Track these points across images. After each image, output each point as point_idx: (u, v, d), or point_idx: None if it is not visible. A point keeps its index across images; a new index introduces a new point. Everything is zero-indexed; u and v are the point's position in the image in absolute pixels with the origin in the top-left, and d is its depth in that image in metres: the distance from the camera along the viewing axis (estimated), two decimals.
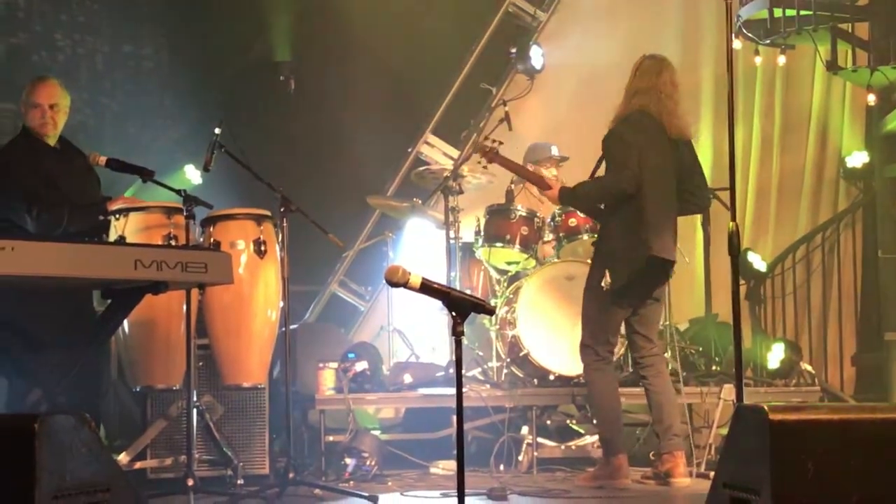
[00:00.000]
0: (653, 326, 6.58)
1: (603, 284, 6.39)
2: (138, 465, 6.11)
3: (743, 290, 7.33)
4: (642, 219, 6.30)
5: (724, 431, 4.69)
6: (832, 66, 9.19)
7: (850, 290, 9.90)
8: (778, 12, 8.94)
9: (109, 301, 5.70)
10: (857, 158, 9.80)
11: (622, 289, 6.39)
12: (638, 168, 6.25)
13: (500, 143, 6.72)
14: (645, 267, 6.32)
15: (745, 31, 9.07)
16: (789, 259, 9.81)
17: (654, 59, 6.55)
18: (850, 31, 9.21)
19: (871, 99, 9.47)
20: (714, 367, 7.91)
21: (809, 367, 8.43)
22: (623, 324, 6.60)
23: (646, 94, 6.41)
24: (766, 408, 3.06)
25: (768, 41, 9.23)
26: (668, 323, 7.85)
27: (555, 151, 8.02)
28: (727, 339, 7.26)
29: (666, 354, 7.59)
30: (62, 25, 8.97)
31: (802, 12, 8.93)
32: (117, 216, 6.40)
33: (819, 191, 10.05)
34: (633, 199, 6.30)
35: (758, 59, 9.52)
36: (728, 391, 6.93)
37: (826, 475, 3.01)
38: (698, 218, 8.18)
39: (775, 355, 8.19)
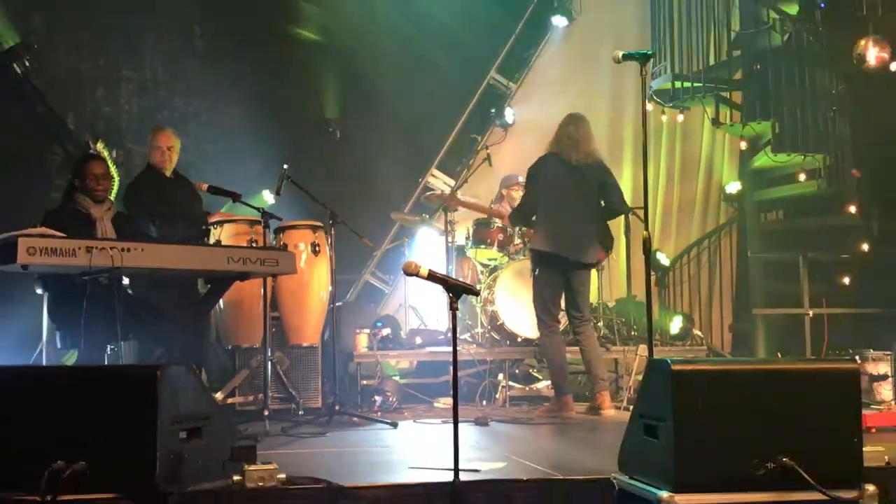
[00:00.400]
0: (579, 304, 6.46)
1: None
2: (230, 400, 6.11)
3: (653, 279, 7.33)
4: (540, 228, 6.48)
5: (640, 378, 4.69)
6: (716, 122, 9.20)
7: (728, 279, 9.92)
8: (678, 84, 8.95)
9: (209, 285, 5.71)
10: (733, 187, 9.80)
11: (536, 276, 6.50)
12: (529, 203, 6.56)
13: (456, 194, 6.84)
14: (539, 259, 6.43)
15: (655, 97, 9.08)
16: (685, 257, 9.82)
17: (568, 115, 6.62)
18: (728, 97, 9.21)
19: (743, 145, 9.50)
20: (633, 333, 7.91)
21: (699, 333, 8.41)
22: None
23: (555, 141, 6.50)
24: (669, 361, 3.05)
25: (671, 104, 9.24)
26: (601, 301, 7.89)
27: (520, 178, 8.02)
28: (641, 312, 7.23)
29: (599, 324, 7.61)
30: (178, 92, 8.97)
31: (695, 84, 8.94)
32: (215, 226, 6.41)
33: (706, 209, 10.07)
34: (538, 215, 6.52)
35: (664, 117, 9.55)
36: (643, 349, 6.90)
37: (711, 407, 3.01)
38: (622, 229, 8.17)
39: (675, 324, 8.18)
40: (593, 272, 7.13)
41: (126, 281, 5.08)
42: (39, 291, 5.13)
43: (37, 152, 8.23)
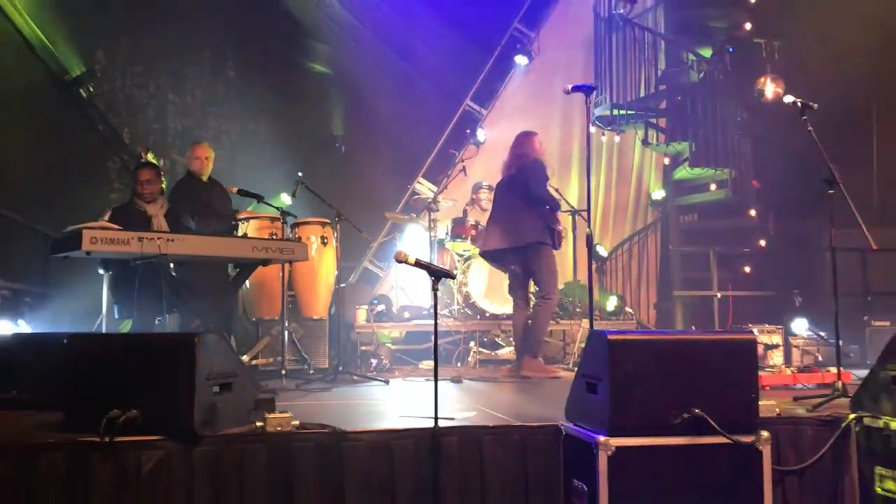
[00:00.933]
0: (536, 283, 6.25)
1: None
2: (254, 362, 6.09)
3: (594, 266, 7.34)
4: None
5: (583, 345, 4.71)
6: (645, 142, 9.22)
7: (654, 267, 9.93)
8: (616, 111, 8.96)
9: (238, 269, 5.68)
10: (658, 194, 9.81)
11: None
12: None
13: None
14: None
15: (597, 122, 9.08)
16: (620, 249, 9.83)
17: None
18: (655, 122, 9.24)
19: (666, 160, 9.52)
20: (577, 310, 7.91)
21: (630, 310, 8.45)
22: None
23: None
24: (606, 332, 3.06)
25: (610, 128, 9.24)
26: None
27: (484, 184, 8.03)
28: (584, 294, 7.26)
29: None
30: (213, 114, 8.93)
31: (629, 112, 8.96)
32: (243, 221, 6.38)
33: (637, 212, 10.08)
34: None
35: (604, 138, 9.55)
36: (585, 323, 6.94)
37: (639, 369, 3.02)
38: (569, 225, 8.18)
39: (611, 303, 8.21)
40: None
41: (171, 265, 5.07)
42: (101, 272, 5.09)
43: (99, 161, 8.23)
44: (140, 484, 3.00)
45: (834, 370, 4.41)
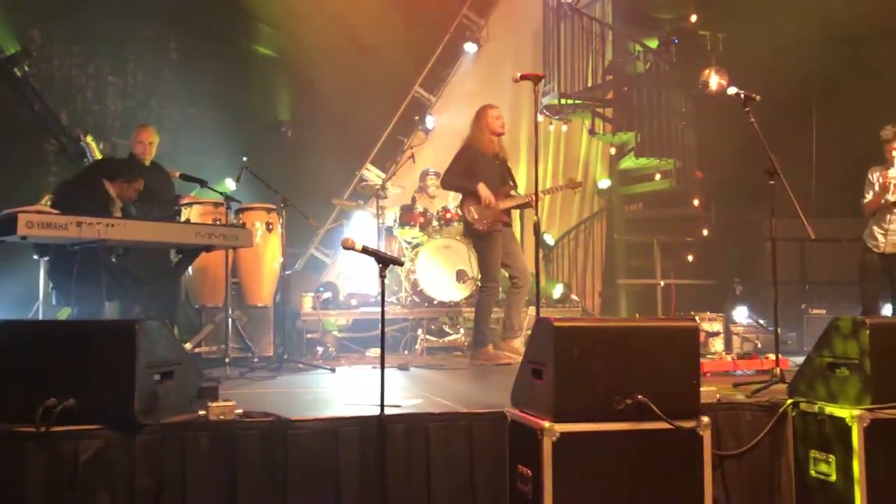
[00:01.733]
0: (507, 266, 6.25)
1: None
2: (197, 350, 5.99)
3: (541, 255, 7.41)
4: None
5: (529, 332, 4.74)
6: (592, 132, 9.32)
7: (599, 255, 10.06)
8: (563, 101, 9.04)
9: (180, 255, 5.59)
10: (604, 183, 9.93)
11: None
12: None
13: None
14: None
15: (545, 111, 9.15)
16: (566, 238, 9.93)
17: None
18: (602, 112, 9.33)
19: (613, 150, 9.64)
20: (525, 297, 7.97)
21: (576, 298, 8.55)
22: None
23: None
24: (552, 319, 3.09)
25: (557, 117, 9.33)
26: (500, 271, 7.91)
27: (432, 171, 8.05)
28: (531, 281, 7.32)
29: (499, 289, 7.64)
30: (155, 96, 8.74)
31: (576, 101, 9.04)
32: (186, 207, 6.27)
33: (583, 200, 10.18)
34: None
35: (551, 127, 9.63)
36: (532, 310, 6.96)
37: (583, 355, 3.04)
38: (517, 214, 8.22)
39: (558, 291, 8.29)
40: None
41: (111, 251, 4.96)
42: (35, 258, 4.97)
43: (35, 143, 7.98)
44: (78, 474, 2.93)
45: (772, 357, 4.53)
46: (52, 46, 8.22)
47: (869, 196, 6.02)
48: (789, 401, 3.58)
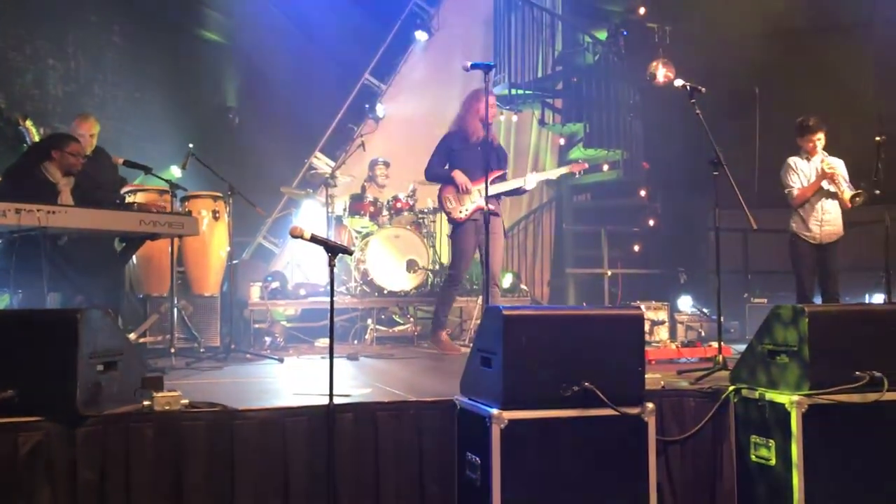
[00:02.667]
0: None
1: None
2: (141, 340, 5.89)
3: None
4: None
5: (479, 321, 4.76)
6: (542, 122, 9.40)
7: (548, 245, 10.14)
8: (514, 91, 9.07)
9: (124, 244, 5.49)
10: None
11: None
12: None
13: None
14: None
15: (496, 101, 9.16)
16: (516, 228, 9.99)
17: None
18: (552, 103, 9.40)
19: (562, 141, 9.72)
20: (474, 287, 7.97)
21: (525, 287, 8.60)
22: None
23: None
24: (501, 308, 3.10)
25: (508, 107, 9.35)
26: (441, 262, 7.89)
27: (380, 160, 8.03)
28: (480, 271, 7.35)
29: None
30: (98, 81, 8.51)
31: (527, 92, 9.09)
32: (130, 194, 6.16)
33: (532, 190, 10.17)
34: None
35: (502, 117, 9.64)
36: (481, 299, 7.01)
37: (531, 344, 3.07)
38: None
39: (507, 280, 8.29)
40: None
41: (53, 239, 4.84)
42: None
43: None
44: (17, 467, 2.86)
45: (715, 345, 4.62)
46: None
47: (796, 185, 6.10)
48: (731, 387, 3.65)
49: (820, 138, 6.01)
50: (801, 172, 6.08)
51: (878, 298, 7.09)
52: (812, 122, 6.03)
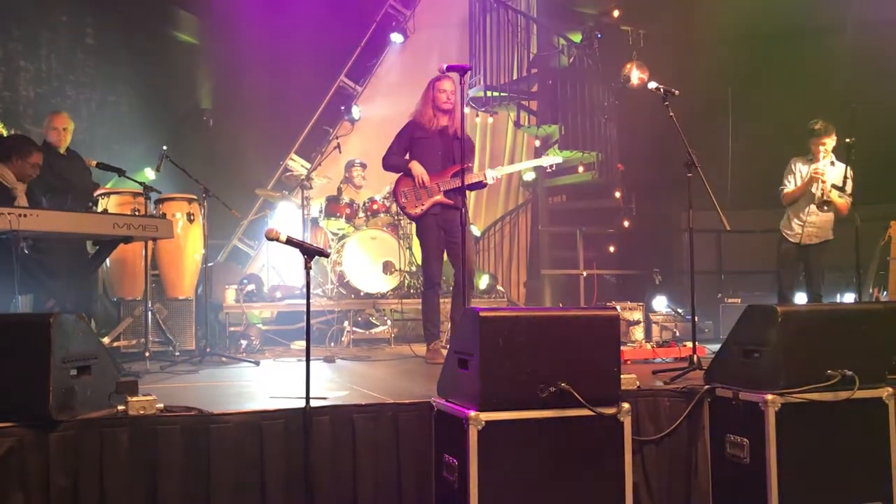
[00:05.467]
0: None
1: None
2: (115, 344, 5.84)
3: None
4: None
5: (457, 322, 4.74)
6: (517, 124, 9.40)
7: (524, 246, 10.18)
8: (489, 93, 9.08)
9: (98, 247, 5.43)
10: (529, 175, 10.02)
11: None
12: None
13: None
14: None
15: (471, 103, 9.18)
16: (492, 229, 10.02)
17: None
18: (527, 105, 9.42)
19: (538, 142, 9.74)
20: (451, 288, 7.98)
21: (501, 288, 8.61)
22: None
23: None
24: (477, 309, 3.11)
25: (484, 109, 9.36)
26: (418, 264, 7.87)
27: (357, 161, 8.04)
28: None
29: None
30: (70, 82, 8.43)
31: (502, 94, 9.10)
32: (103, 197, 6.10)
33: (509, 192, 10.29)
34: None
35: (478, 119, 9.65)
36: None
37: (508, 345, 3.08)
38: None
39: (484, 281, 8.33)
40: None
41: (24, 242, 4.78)
42: None
43: None
44: None
45: (690, 345, 4.66)
46: None
47: (790, 185, 6.20)
48: (706, 387, 3.69)
49: (825, 143, 6.03)
50: (798, 173, 6.17)
51: (850, 298, 7.19)
52: (817, 127, 6.07)
